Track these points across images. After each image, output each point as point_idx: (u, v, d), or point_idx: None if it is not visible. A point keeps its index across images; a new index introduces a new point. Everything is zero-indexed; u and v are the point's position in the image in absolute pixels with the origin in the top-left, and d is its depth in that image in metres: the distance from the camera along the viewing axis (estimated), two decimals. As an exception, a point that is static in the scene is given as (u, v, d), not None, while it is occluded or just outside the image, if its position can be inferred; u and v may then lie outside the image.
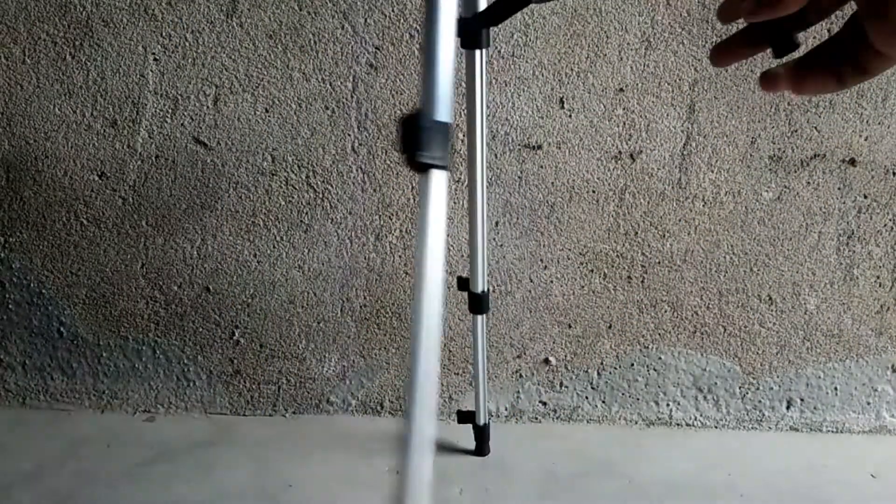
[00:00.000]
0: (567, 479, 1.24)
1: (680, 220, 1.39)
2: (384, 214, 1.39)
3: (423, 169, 0.62)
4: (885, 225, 1.38)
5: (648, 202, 1.38)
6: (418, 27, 1.33)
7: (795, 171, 1.36)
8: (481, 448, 1.31)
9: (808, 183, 1.37)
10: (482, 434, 1.31)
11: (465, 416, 1.29)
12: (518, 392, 1.45)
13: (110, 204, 1.39)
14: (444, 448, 1.33)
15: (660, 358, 1.43)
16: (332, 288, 1.42)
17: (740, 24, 0.40)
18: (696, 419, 1.46)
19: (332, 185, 1.39)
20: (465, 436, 1.35)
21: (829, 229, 1.38)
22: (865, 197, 1.37)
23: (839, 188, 1.36)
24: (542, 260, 1.41)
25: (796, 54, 0.40)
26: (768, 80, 0.40)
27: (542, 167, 1.37)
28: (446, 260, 1.40)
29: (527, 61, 1.34)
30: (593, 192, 1.38)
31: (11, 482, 1.19)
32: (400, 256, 1.40)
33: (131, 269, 1.41)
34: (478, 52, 0.99)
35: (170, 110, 1.36)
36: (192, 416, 1.46)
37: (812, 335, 1.42)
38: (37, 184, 1.39)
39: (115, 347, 1.44)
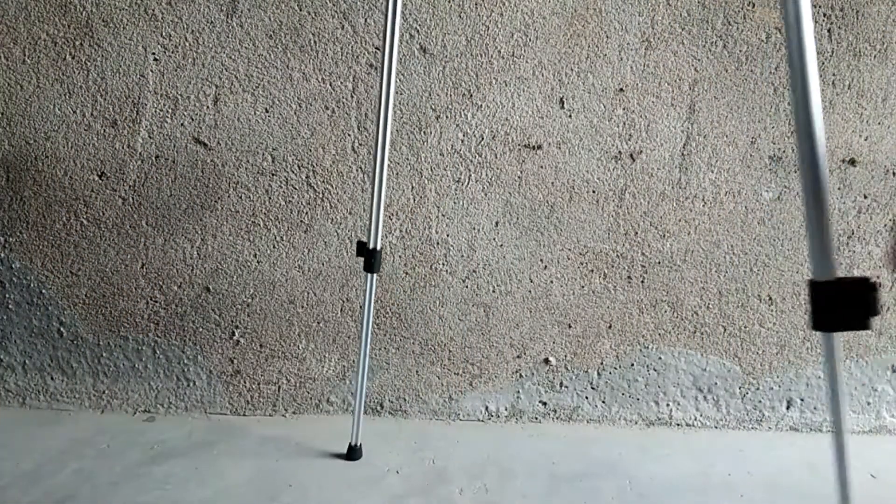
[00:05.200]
0: (567, 479, 1.24)
1: (680, 220, 1.39)
2: (384, 214, 1.39)
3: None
4: (885, 225, 1.38)
5: (648, 202, 1.38)
6: (417, 27, 1.33)
7: (795, 171, 1.36)
8: (371, 267, 1.24)
9: (808, 183, 1.37)
10: (372, 257, 1.24)
11: (361, 247, 1.25)
12: (518, 392, 1.45)
13: (110, 204, 1.39)
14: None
15: (660, 358, 1.43)
16: (332, 288, 1.42)
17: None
18: (696, 419, 1.46)
19: (332, 185, 1.39)
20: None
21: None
22: (865, 197, 1.37)
23: (839, 188, 1.36)
24: (542, 260, 1.41)
25: None
26: None
27: (542, 167, 1.37)
28: (448, 257, 1.40)
29: (527, 61, 1.34)
30: (593, 192, 1.38)
31: (11, 482, 1.19)
32: (400, 256, 1.40)
33: (131, 269, 1.41)
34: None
35: (170, 110, 1.36)
36: (192, 416, 1.46)
37: (812, 335, 1.42)
38: (37, 184, 1.39)
39: (115, 347, 1.44)
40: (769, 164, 1.36)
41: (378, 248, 1.20)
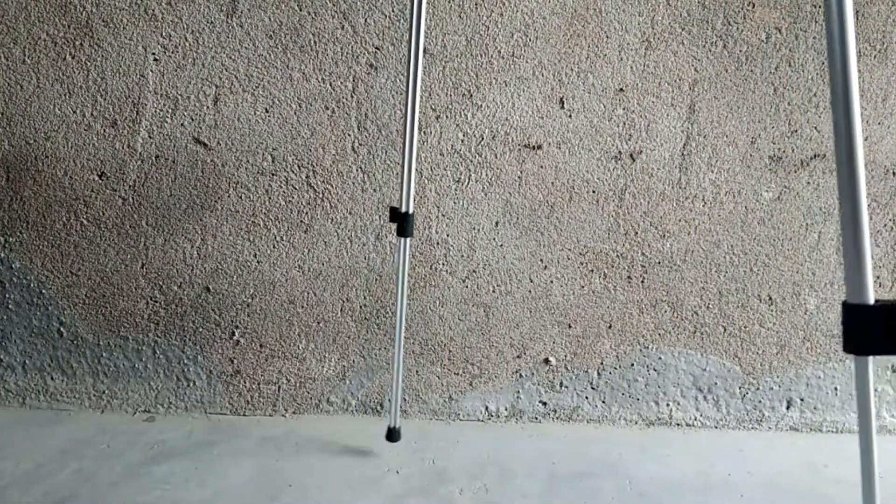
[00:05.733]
0: (567, 479, 1.24)
1: (680, 220, 1.39)
2: (384, 214, 1.39)
3: None
4: (885, 225, 1.38)
5: (648, 202, 1.38)
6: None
7: (795, 171, 1.36)
8: (404, 231, 1.24)
9: (808, 183, 1.37)
10: (405, 221, 1.24)
11: (394, 212, 1.26)
12: (518, 392, 1.45)
13: (110, 204, 1.39)
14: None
15: (660, 358, 1.43)
16: (332, 288, 1.42)
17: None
18: (696, 419, 1.46)
19: (332, 185, 1.39)
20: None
21: (829, 229, 1.38)
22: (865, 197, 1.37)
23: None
24: (542, 260, 1.41)
25: None
26: None
27: (542, 167, 1.37)
28: (448, 257, 1.40)
29: (527, 61, 1.34)
30: (593, 192, 1.38)
31: (11, 482, 1.19)
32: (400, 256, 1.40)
33: (131, 269, 1.41)
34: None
35: (170, 110, 1.36)
36: (192, 416, 1.46)
37: (812, 335, 1.42)
38: (37, 184, 1.39)
39: (115, 347, 1.44)
40: (769, 164, 1.36)
41: (411, 211, 1.21)
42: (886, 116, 1.34)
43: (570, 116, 1.35)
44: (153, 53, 1.34)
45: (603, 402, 1.46)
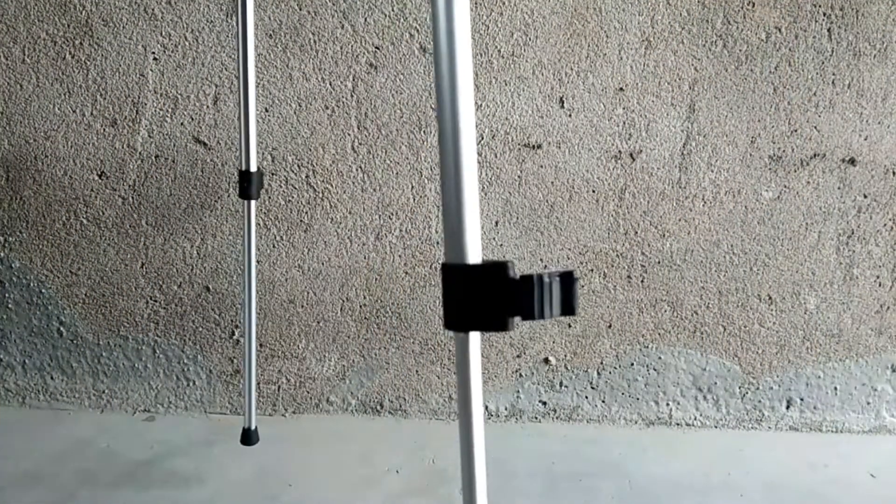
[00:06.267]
0: (567, 479, 1.24)
1: (680, 220, 1.39)
2: (384, 214, 1.39)
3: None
4: (885, 224, 1.38)
5: (648, 202, 1.38)
6: (417, 26, 1.33)
7: (795, 171, 1.36)
8: (247, 193, 1.18)
9: (808, 183, 1.37)
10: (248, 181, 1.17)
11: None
12: (518, 392, 1.45)
13: (110, 204, 1.39)
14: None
15: (659, 357, 1.43)
16: (331, 287, 1.42)
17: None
18: (696, 419, 1.46)
19: (332, 185, 1.39)
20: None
21: (829, 229, 1.38)
22: (865, 196, 1.37)
23: (839, 188, 1.36)
24: (542, 260, 1.41)
25: None
26: None
27: (541, 167, 1.37)
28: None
29: (527, 61, 1.34)
30: (593, 191, 1.38)
31: (11, 482, 1.19)
32: (399, 256, 1.40)
33: (131, 269, 1.41)
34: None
35: (169, 110, 1.36)
36: (192, 415, 1.46)
37: (812, 335, 1.42)
38: (37, 183, 1.39)
39: (115, 347, 1.44)
40: (769, 163, 1.36)
41: (253, 169, 1.14)
42: (886, 116, 1.34)
43: (570, 116, 1.35)
44: (153, 53, 1.34)
45: (603, 401, 1.46)
